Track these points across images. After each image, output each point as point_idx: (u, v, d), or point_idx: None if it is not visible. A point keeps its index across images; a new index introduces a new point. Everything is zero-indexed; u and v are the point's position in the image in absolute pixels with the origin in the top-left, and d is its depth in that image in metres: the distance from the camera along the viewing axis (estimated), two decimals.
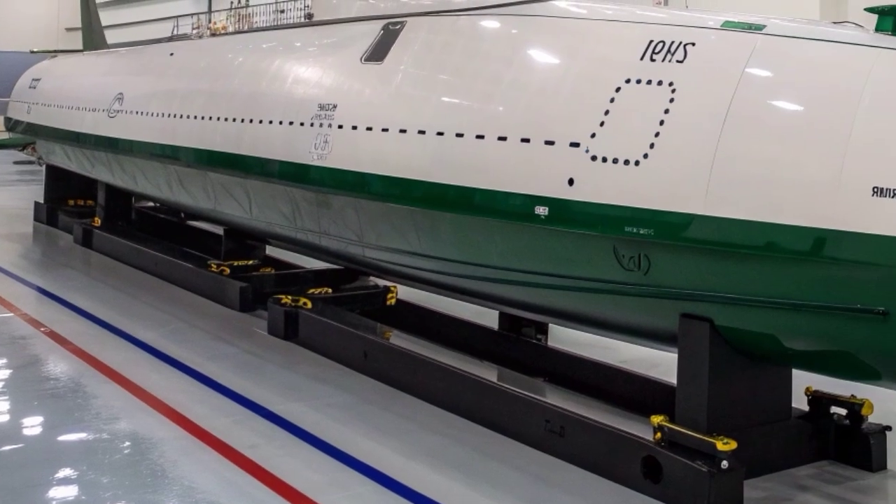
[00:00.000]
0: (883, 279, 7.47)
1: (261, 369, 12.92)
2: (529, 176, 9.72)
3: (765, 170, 8.08)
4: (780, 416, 9.42)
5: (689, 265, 8.65)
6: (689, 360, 9.01)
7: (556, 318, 11.06)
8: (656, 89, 8.98)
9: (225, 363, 13.09)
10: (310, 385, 12.21)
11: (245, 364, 13.12)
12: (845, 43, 8.30)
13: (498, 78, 10.66)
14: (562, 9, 10.84)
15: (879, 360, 7.98)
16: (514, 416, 10.36)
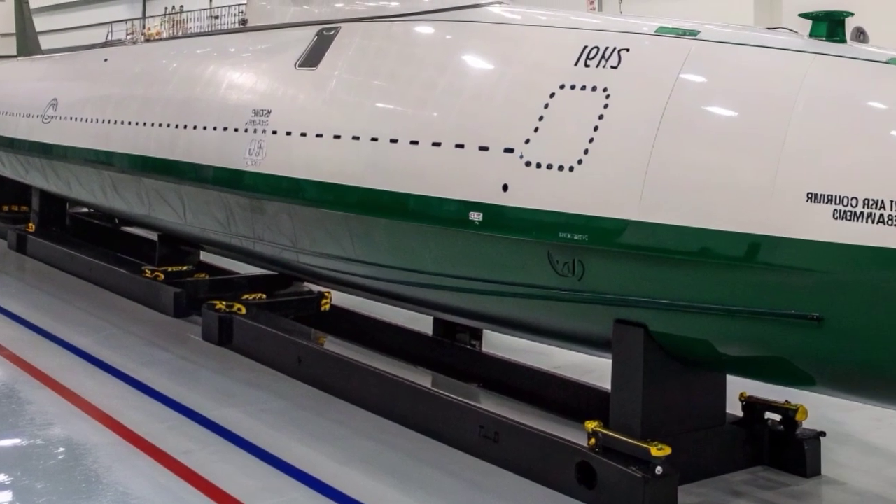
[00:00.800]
0: (817, 285, 7.37)
1: (195, 375, 12.76)
2: (464, 182, 9.60)
3: (699, 175, 7.97)
4: (714, 422, 9.33)
5: (624, 271, 8.54)
6: (624, 365, 8.89)
7: (490, 324, 10.93)
8: (590, 95, 8.86)
9: (159, 369, 12.90)
10: (244, 391, 12.04)
11: (179, 370, 12.93)
12: (779, 49, 8.23)
13: (432, 84, 10.54)
14: (496, 15, 10.75)
15: (813, 365, 7.88)
16: (448, 422, 10.23)
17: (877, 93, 7.52)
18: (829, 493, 9.23)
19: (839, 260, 7.18)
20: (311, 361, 12.34)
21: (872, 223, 7.01)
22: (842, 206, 7.15)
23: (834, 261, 7.21)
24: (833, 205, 7.19)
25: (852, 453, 10.02)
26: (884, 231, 6.96)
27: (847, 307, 7.31)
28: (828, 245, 7.22)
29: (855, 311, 7.28)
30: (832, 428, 10.04)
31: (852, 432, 10.48)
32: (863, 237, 7.06)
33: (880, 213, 6.98)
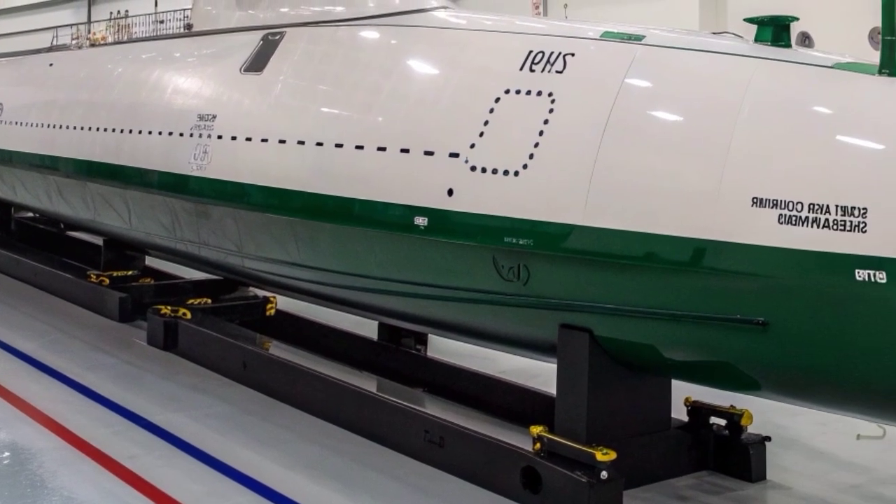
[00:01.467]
0: (762, 289, 7.27)
1: (140, 380, 12.53)
2: (409, 186, 9.49)
3: (644, 180, 7.88)
4: (659, 427, 9.23)
5: (569, 275, 8.43)
6: (569, 370, 8.78)
7: (435, 329, 10.80)
8: (536, 100, 8.76)
9: (104, 373, 12.71)
10: (189, 395, 11.88)
11: (124, 374, 12.73)
12: (725, 53, 8.15)
13: (377, 88, 10.41)
14: (441, 19, 10.66)
15: (759, 370, 7.79)
16: (393, 427, 10.11)
17: (822, 97, 7.44)
18: (774, 498, 9.14)
19: (784, 265, 7.10)
20: (256, 366, 12.16)
21: (818, 228, 6.93)
22: (787, 210, 7.06)
23: (779, 265, 7.12)
24: (778, 209, 7.10)
25: (797, 458, 9.95)
26: (829, 236, 6.88)
27: (792, 312, 7.22)
28: (773, 250, 7.13)
29: (800, 315, 7.20)
30: (777, 433, 9.97)
31: (797, 437, 10.41)
32: (808, 242, 6.97)
33: (825, 217, 6.90)
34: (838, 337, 7.07)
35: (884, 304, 6.73)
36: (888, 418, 7.55)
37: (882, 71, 7.27)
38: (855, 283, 6.78)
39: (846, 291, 6.86)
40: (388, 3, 11.25)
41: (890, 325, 6.77)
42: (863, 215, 6.75)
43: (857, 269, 6.76)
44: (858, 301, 6.84)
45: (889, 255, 6.65)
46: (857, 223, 6.77)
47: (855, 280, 6.77)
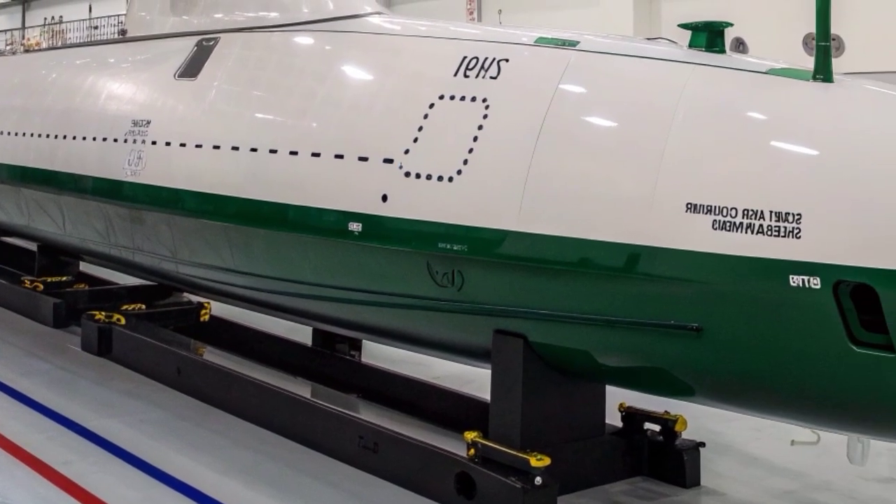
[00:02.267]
0: (697, 295, 7.14)
1: (74, 385, 12.29)
2: (343, 192, 9.31)
3: (578, 186, 7.74)
4: (593, 433, 9.09)
5: (503, 281, 8.28)
6: (503, 376, 8.64)
7: (369, 335, 10.63)
8: (470, 105, 8.61)
9: (38, 379, 12.45)
10: (124, 401, 11.65)
11: (58, 380, 12.49)
12: (659, 59, 8.02)
13: (312, 94, 10.23)
14: (375, 25, 10.50)
15: (693, 376, 7.66)
16: (327, 433, 9.94)
17: (756, 103, 7.32)
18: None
19: (719, 270, 6.97)
20: (190, 372, 11.96)
21: (752, 234, 6.80)
22: (721, 216, 6.93)
23: (713, 271, 6.99)
24: (713, 215, 6.97)
25: (731, 464, 9.84)
26: (763, 241, 6.75)
27: (726, 317, 7.10)
28: (707, 255, 7.00)
29: (734, 321, 7.08)
30: (712, 438, 9.85)
31: (732, 443, 10.31)
32: (742, 248, 6.85)
33: (759, 223, 6.77)
34: (772, 343, 6.95)
35: (818, 310, 6.62)
36: (822, 424, 7.45)
37: (816, 77, 7.18)
38: (789, 288, 6.66)
39: (780, 297, 6.74)
40: (323, 9, 11.08)
41: (824, 330, 6.65)
42: (797, 221, 6.63)
43: (791, 275, 6.64)
44: (793, 307, 6.72)
45: (823, 260, 6.53)
46: (792, 229, 6.64)
47: (789, 286, 6.65)
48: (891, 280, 6.31)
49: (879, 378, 6.54)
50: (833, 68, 7.20)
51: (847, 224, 6.51)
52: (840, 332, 6.58)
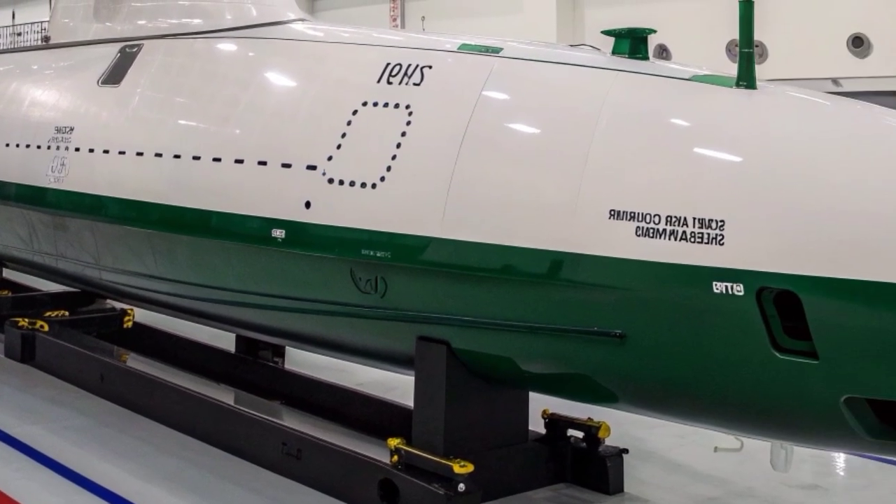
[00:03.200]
0: (620, 302, 6.95)
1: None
2: (266, 199, 9.09)
3: (502, 192, 7.54)
4: (517, 439, 8.88)
5: (426, 288, 8.10)
6: (426, 382, 8.44)
7: (293, 341, 10.39)
8: (393, 112, 8.41)
9: None
10: (47, 408, 11.40)
11: None
12: (582, 66, 7.85)
13: (235, 101, 9.97)
14: (299, 31, 10.30)
15: (616, 382, 7.48)
16: (250, 439, 9.73)
17: (679, 109, 7.16)
18: None
19: (642, 277, 6.80)
20: (113, 379, 11.68)
21: (675, 240, 6.62)
22: (644, 223, 6.76)
23: (636, 278, 6.82)
24: (636, 222, 6.79)
25: (655, 470, 9.69)
26: (686, 248, 6.58)
27: (649, 324, 6.92)
28: (630, 262, 6.82)
29: (657, 328, 6.90)
30: (635, 445, 9.69)
31: (655, 449, 10.15)
32: (665, 254, 6.67)
33: (682, 230, 6.60)
34: (695, 349, 6.78)
35: (741, 317, 6.46)
36: (745, 431, 7.27)
37: (739, 83, 7.02)
38: (712, 295, 6.49)
39: (703, 304, 6.57)
40: (246, 16, 10.85)
41: (747, 337, 6.48)
42: (720, 228, 6.46)
43: (714, 282, 6.47)
44: (716, 313, 6.55)
45: (746, 267, 6.37)
46: (715, 235, 6.48)
47: (712, 292, 6.48)
48: (814, 286, 6.16)
49: (802, 384, 6.39)
50: (756, 75, 7.06)
51: (770, 231, 6.35)
52: (763, 339, 6.42)
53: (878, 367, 6.11)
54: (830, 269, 6.11)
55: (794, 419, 6.67)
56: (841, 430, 6.41)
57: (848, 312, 6.10)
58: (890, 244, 5.98)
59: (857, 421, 6.31)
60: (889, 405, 6.30)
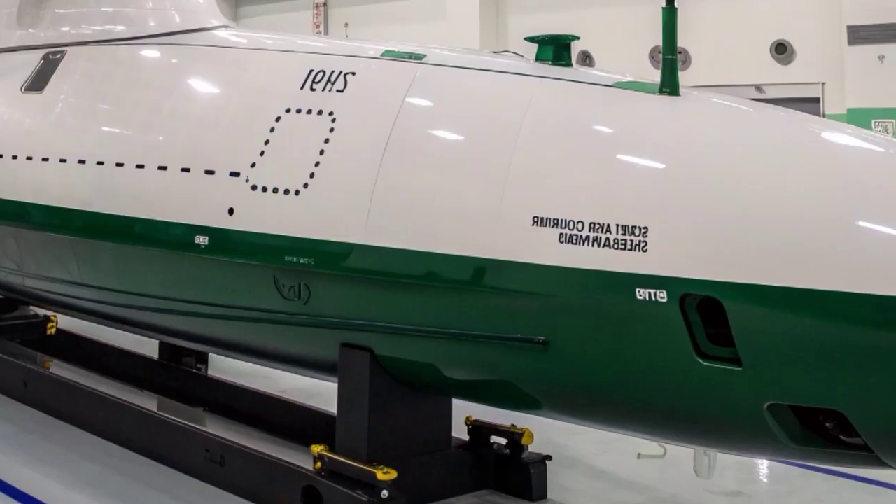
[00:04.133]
0: (543, 309, 6.74)
1: None
2: (190, 205, 8.81)
3: (425, 199, 7.34)
4: (440, 446, 8.66)
5: (350, 295, 7.87)
6: (350, 389, 8.20)
7: (216, 348, 10.10)
8: (316, 119, 8.16)
9: None
10: None
11: None
12: (505, 72, 7.65)
13: (158, 107, 9.67)
14: (222, 38, 9.99)
15: (540, 389, 7.26)
16: (173, 446, 9.49)
17: (602, 116, 6.97)
18: None
19: (565, 284, 6.59)
20: (37, 385, 11.38)
21: (598, 247, 6.42)
22: (568, 229, 6.55)
23: (560, 284, 6.61)
24: (559, 228, 6.59)
25: (578, 477, 9.51)
26: (609, 255, 6.39)
27: (573, 331, 6.71)
28: (553, 269, 6.62)
29: (581, 334, 6.69)
30: (558, 452, 9.48)
31: (578, 456, 9.96)
32: (588, 261, 6.47)
33: (606, 236, 6.40)
34: (619, 356, 6.58)
35: (664, 323, 6.27)
36: (668, 437, 7.09)
37: (663, 90, 6.84)
38: (636, 302, 6.29)
39: (627, 310, 6.37)
40: (169, 23, 10.51)
41: (670, 343, 6.30)
42: (643, 234, 6.27)
43: (637, 288, 6.28)
44: (639, 320, 6.35)
45: (669, 273, 6.18)
46: (638, 242, 6.28)
47: (636, 299, 6.29)
48: (737, 293, 5.99)
49: (726, 391, 6.20)
50: (679, 81, 6.91)
51: (693, 237, 6.17)
52: (686, 346, 6.23)
53: (800, 373, 5.94)
54: (753, 276, 5.93)
55: (718, 426, 6.50)
56: (764, 436, 6.23)
57: (771, 319, 5.93)
58: (812, 251, 5.82)
59: (780, 427, 6.13)
60: (812, 412, 6.13)
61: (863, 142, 6.37)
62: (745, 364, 6.06)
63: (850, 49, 18.11)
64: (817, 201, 5.93)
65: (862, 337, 5.70)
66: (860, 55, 17.91)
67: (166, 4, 10.65)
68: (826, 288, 5.73)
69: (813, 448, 6.22)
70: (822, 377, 5.88)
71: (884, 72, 17.56)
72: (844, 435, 6.08)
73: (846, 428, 5.99)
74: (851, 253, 5.73)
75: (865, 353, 5.71)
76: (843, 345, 5.75)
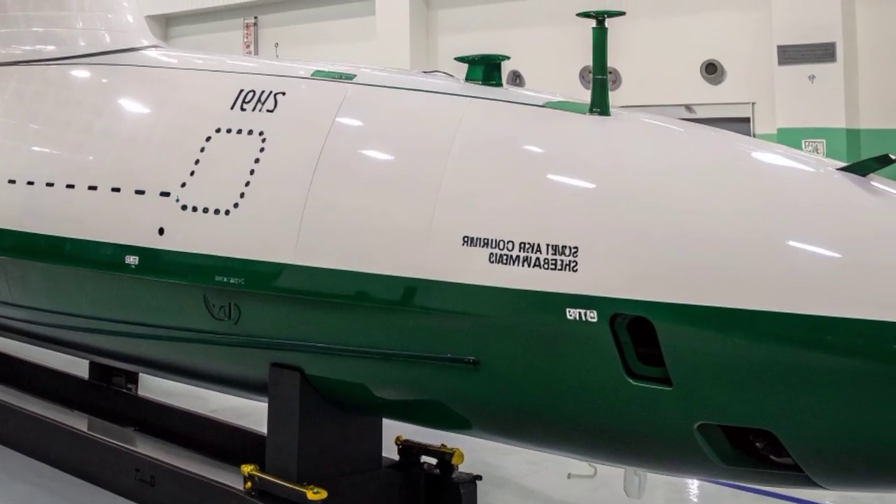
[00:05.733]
0: (473, 328, 6.51)
1: None
2: (120, 225, 8.49)
3: (355, 219, 7.09)
4: (370, 466, 8.35)
5: (280, 314, 7.59)
6: (280, 409, 7.90)
7: (147, 368, 9.73)
8: (247, 138, 7.89)
9: None
10: None
11: None
12: (436, 92, 7.41)
13: (89, 127, 9.34)
14: (152, 58, 9.68)
15: (470, 409, 7.00)
16: (104, 466, 9.17)
17: (532, 136, 6.75)
18: None
19: (495, 303, 6.36)
20: None
21: (529, 267, 6.21)
22: (498, 249, 6.33)
23: (490, 304, 6.39)
24: (489, 248, 6.36)
25: (508, 497, 9.29)
26: (540, 274, 6.17)
27: (503, 351, 6.47)
28: (484, 289, 6.39)
29: (511, 354, 6.45)
30: (489, 472, 9.23)
31: (509, 476, 9.72)
32: (518, 281, 6.25)
33: (536, 256, 6.18)
34: (549, 376, 6.34)
35: (594, 343, 6.05)
36: (599, 457, 6.84)
37: (593, 110, 6.63)
38: (566, 321, 6.07)
39: (557, 330, 6.15)
40: (99, 43, 10.18)
41: (600, 363, 6.08)
42: (574, 254, 6.05)
43: (568, 308, 6.06)
44: (569, 340, 6.14)
45: (600, 293, 5.97)
46: (569, 262, 6.06)
47: (566, 319, 6.07)
48: (667, 313, 5.79)
49: (656, 411, 5.99)
50: (610, 101, 6.71)
51: (623, 257, 5.96)
52: (617, 366, 6.02)
53: (730, 393, 5.75)
54: (683, 296, 5.74)
55: (648, 445, 6.28)
56: (694, 456, 6.03)
57: (701, 339, 5.74)
58: (742, 271, 5.63)
59: (710, 447, 5.93)
60: (742, 431, 5.94)
61: (793, 161, 6.19)
62: (676, 384, 5.85)
63: (780, 69, 17.98)
64: (747, 221, 5.75)
65: (791, 357, 5.52)
66: (790, 75, 17.79)
67: (97, 24, 10.31)
68: (756, 308, 5.56)
69: (743, 468, 6.02)
70: (751, 397, 5.69)
71: (814, 91, 17.43)
72: (774, 454, 5.89)
73: (776, 447, 5.81)
74: (781, 273, 5.56)
75: (795, 372, 5.53)
76: (772, 364, 5.57)
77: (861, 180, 5.83)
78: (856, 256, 5.49)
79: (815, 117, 17.36)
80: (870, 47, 17.25)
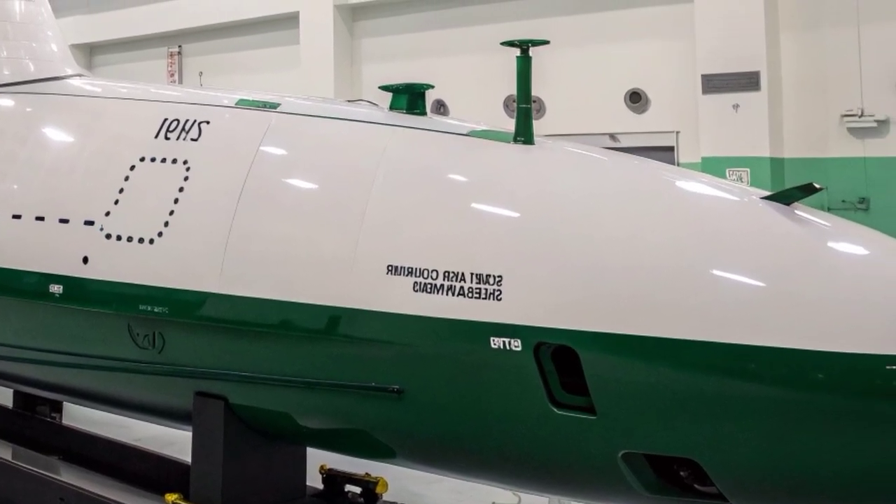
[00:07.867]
0: (398, 357, 6.24)
1: None
2: (44, 254, 8.13)
3: (280, 248, 6.79)
4: (294, 495, 7.98)
5: (204, 343, 7.27)
6: (204, 438, 7.54)
7: (72, 397, 9.30)
8: (171, 167, 7.56)
9: None
10: None
11: None
12: (360, 121, 7.16)
13: (13, 156, 8.95)
14: (76, 87, 9.31)
15: (394, 438, 6.71)
16: (27, 495, 8.73)
17: (456, 165, 6.50)
18: None
19: (419, 332, 6.11)
20: None
21: (453, 295, 5.96)
22: (422, 278, 6.07)
23: (414, 333, 6.13)
24: (413, 277, 6.11)
25: None
26: (464, 303, 5.92)
27: (427, 380, 6.21)
28: (408, 318, 6.14)
29: (435, 383, 6.19)
30: (413, 500, 8.96)
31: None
32: (443, 310, 5.99)
33: (461, 285, 5.93)
34: (473, 405, 6.09)
35: (518, 372, 5.80)
36: (523, 486, 6.60)
37: (517, 139, 6.39)
38: (490, 350, 5.82)
39: (481, 359, 5.89)
40: (24, 72, 9.77)
41: (524, 392, 5.83)
42: (498, 283, 5.81)
43: (492, 337, 5.81)
44: (494, 369, 5.88)
45: (524, 322, 5.74)
46: (493, 291, 5.82)
47: (490, 348, 5.82)
48: (591, 342, 5.56)
49: (580, 440, 5.75)
50: (534, 130, 6.48)
51: (548, 286, 5.72)
52: (541, 394, 5.77)
53: (654, 421, 5.52)
54: (607, 325, 5.51)
55: (572, 475, 6.01)
56: (619, 485, 5.78)
57: (625, 367, 5.51)
58: (666, 299, 5.42)
59: (634, 476, 5.68)
60: (666, 460, 5.71)
61: (717, 190, 5.99)
62: (600, 413, 5.62)
63: (704, 98, 17.61)
64: (671, 250, 5.54)
65: (715, 385, 5.31)
66: (714, 104, 17.51)
67: (21, 53, 9.91)
68: (680, 336, 5.35)
69: (668, 497, 5.77)
70: (676, 425, 5.47)
71: (738, 120, 17.19)
72: (699, 483, 5.67)
73: (700, 476, 5.59)
74: (705, 301, 5.35)
75: (719, 401, 5.32)
76: (697, 393, 5.36)
77: (785, 209, 5.64)
78: (779, 285, 5.29)
79: (740, 146, 17.13)
80: (794, 76, 17.04)
